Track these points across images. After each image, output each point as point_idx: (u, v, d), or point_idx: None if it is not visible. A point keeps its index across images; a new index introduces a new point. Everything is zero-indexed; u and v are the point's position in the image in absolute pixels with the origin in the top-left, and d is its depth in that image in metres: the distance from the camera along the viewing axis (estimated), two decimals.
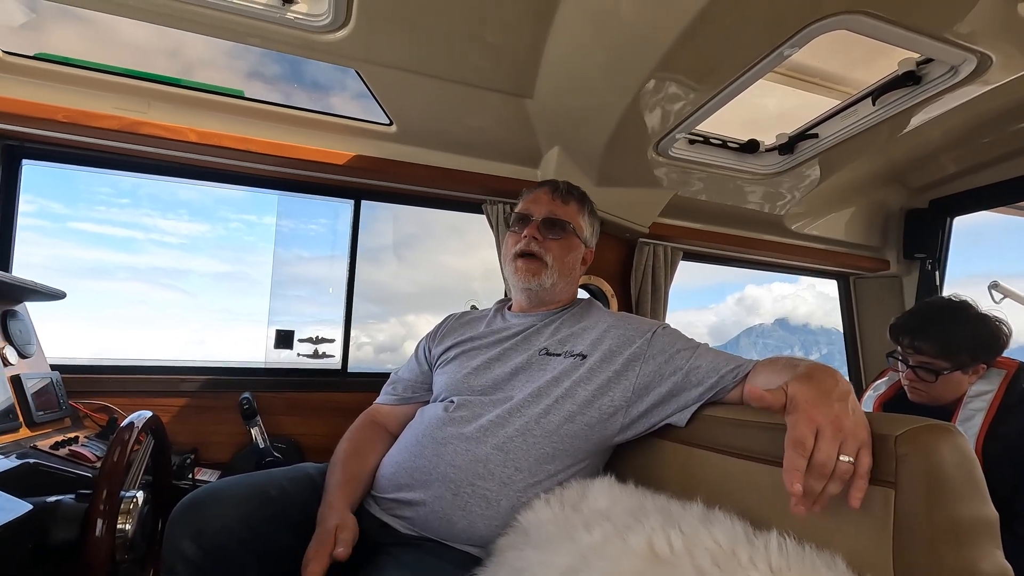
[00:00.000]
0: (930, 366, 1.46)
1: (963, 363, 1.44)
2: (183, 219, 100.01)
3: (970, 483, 0.67)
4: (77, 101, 1.52)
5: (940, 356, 1.45)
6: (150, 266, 76.81)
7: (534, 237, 1.26)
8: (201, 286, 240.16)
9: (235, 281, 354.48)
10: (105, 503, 0.89)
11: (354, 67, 1.53)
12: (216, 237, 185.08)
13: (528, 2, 1.29)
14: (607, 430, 1.11)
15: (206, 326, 23.85)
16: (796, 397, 0.74)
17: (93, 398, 1.60)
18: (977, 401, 1.42)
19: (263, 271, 2.04)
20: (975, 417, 1.40)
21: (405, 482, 1.10)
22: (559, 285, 1.29)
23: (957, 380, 1.46)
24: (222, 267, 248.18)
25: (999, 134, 1.86)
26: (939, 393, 1.48)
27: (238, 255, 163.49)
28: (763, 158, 1.90)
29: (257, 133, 1.69)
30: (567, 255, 1.29)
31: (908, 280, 2.60)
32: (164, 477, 1.26)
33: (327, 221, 2.10)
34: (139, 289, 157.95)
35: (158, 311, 29.50)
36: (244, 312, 54.49)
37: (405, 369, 1.40)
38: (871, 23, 1.14)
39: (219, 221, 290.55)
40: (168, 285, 78.63)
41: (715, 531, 0.74)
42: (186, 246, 52.25)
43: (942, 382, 1.46)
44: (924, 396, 1.51)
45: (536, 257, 1.26)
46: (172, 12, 1.32)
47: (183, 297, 79.37)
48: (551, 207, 1.30)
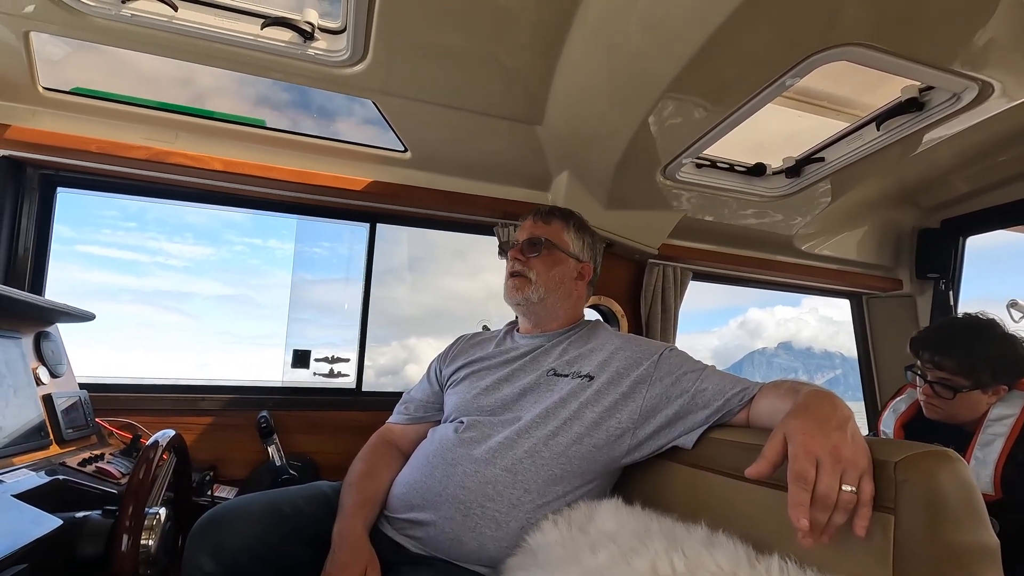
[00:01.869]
0: (949, 383, 1.44)
1: (983, 382, 1.42)
2: (188, 242, 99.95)
3: (970, 509, 0.68)
4: (109, 132, 1.61)
5: (960, 373, 1.43)
6: (154, 289, 78.46)
7: (517, 258, 1.34)
8: (204, 309, 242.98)
9: (238, 304, 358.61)
10: (131, 519, 0.93)
11: (371, 98, 1.59)
12: (220, 260, 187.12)
13: (538, 32, 1.34)
14: (614, 451, 1.13)
15: (208, 349, 24.45)
16: (793, 432, 0.74)
17: (118, 415, 1.65)
18: (998, 425, 1.39)
19: (267, 294, 2.10)
20: (995, 442, 1.37)
21: (416, 502, 1.12)
22: (549, 300, 1.33)
23: (975, 399, 1.43)
24: (225, 290, 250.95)
25: (1012, 154, 1.86)
26: (955, 411, 1.46)
27: (242, 278, 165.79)
28: (770, 181, 1.92)
29: (278, 161, 1.76)
30: (551, 269, 1.34)
31: (922, 300, 2.58)
32: (185, 494, 1.30)
33: (338, 244, 2.16)
34: (142, 311, 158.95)
35: (160, 333, 30.31)
36: (246, 335, 54.79)
37: (417, 389, 1.43)
38: (872, 55, 1.16)
39: (224, 244, 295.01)
40: (171, 308, 79.15)
41: (717, 555, 0.76)
42: (190, 269, 52.99)
43: (960, 400, 1.44)
44: (939, 413, 1.49)
45: (521, 275, 1.33)
46: (202, 50, 1.40)
47: (185, 320, 79.31)
48: (532, 230, 1.38)
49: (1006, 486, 1.31)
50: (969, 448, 1.40)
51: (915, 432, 1.61)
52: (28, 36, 1.38)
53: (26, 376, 1.26)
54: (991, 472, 1.33)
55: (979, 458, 1.37)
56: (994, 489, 1.31)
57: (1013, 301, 2.72)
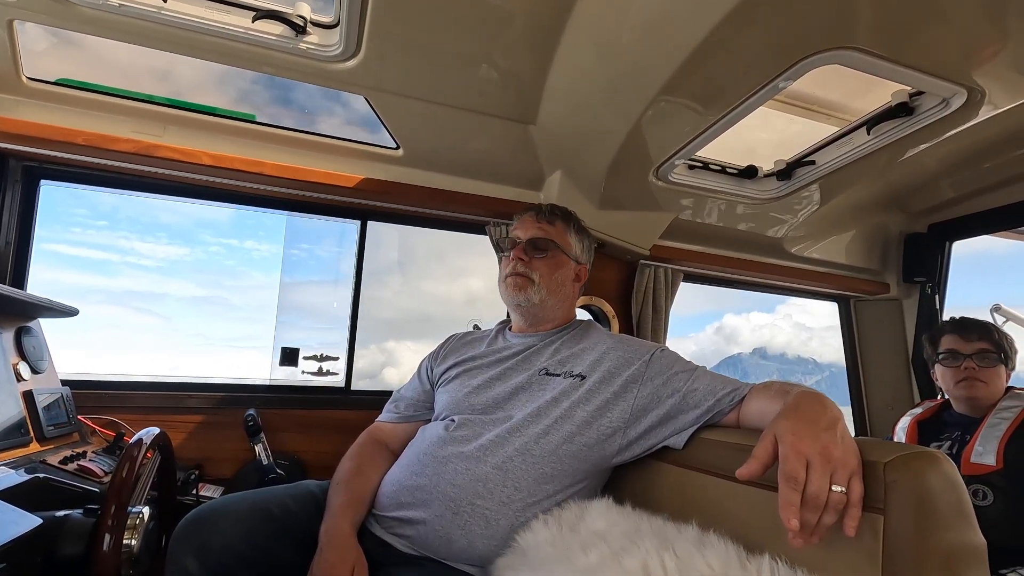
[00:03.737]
0: (989, 351, 1.67)
1: (1008, 355, 1.68)
2: (161, 242, 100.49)
3: (958, 510, 0.69)
4: (95, 125, 1.57)
5: (993, 345, 1.68)
6: (125, 289, 76.13)
7: (520, 258, 1.32)
8: (177, 310, 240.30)
9: (212, 306, 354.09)
10: (113, 518, 0.91)
11: (363, 94, 1.58)
12: (195, 261, 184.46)
13: (532, 31, 1.34)
14: (605, 451, 1.13)
15: (181, 352, 23.81)
16: (783, 433, 0.74)
17: (101, 413, 1.62)
18: (1005, 412, 1.58)
19: (242, 296, 2.08)
20: (1001, 424, 1.55)
21: (406, 500, 1.11)
22: (549, 302, 1.32)
23: (1002, 376, 1.67)
24: (199, 291, 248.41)
25: (998, 160, 1.89)
26: (993, 386, 1.65)
27: (217, 279, 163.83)
28: (761, 184, 1.94)
29: (268, 156, 1.74)
30: (554, 272, 1.33)
31: (908, 303, 2.61)
32: (169, 493, 1.28)
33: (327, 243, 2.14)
34: (112, 312, 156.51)
35: (132, 335, 29.29)
36: (220, 336, 54.33)
37: (407, 387, 1.42)
38: (863, 58, 1.17)
39: (199, 245, 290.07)
40: (142, 309, 78.63)
41: (708, 555, 0.76)
42: (163, 269, 52.25)
43: (995, 373, 1.66)
44: (982, 389, 1.65)
45: (523, 275, 1.31)
46: (192, 43, 1.38)
47: (157, 321, 77.72)
48: (535, 229, 1.35)
49: (1008, 457, 1.49)
50: (978, 430, 1.58)
51: (928, 428, 1.77)
52: (12, 25, 1.35)
53: (6, 372, 1.23)
54: (996, 445, 1.51)
55: (985, 436, 1.55)
56: (996, 460, 1.50)
57: (997, 306, 2.77)
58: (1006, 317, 2.74)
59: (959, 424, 1.69)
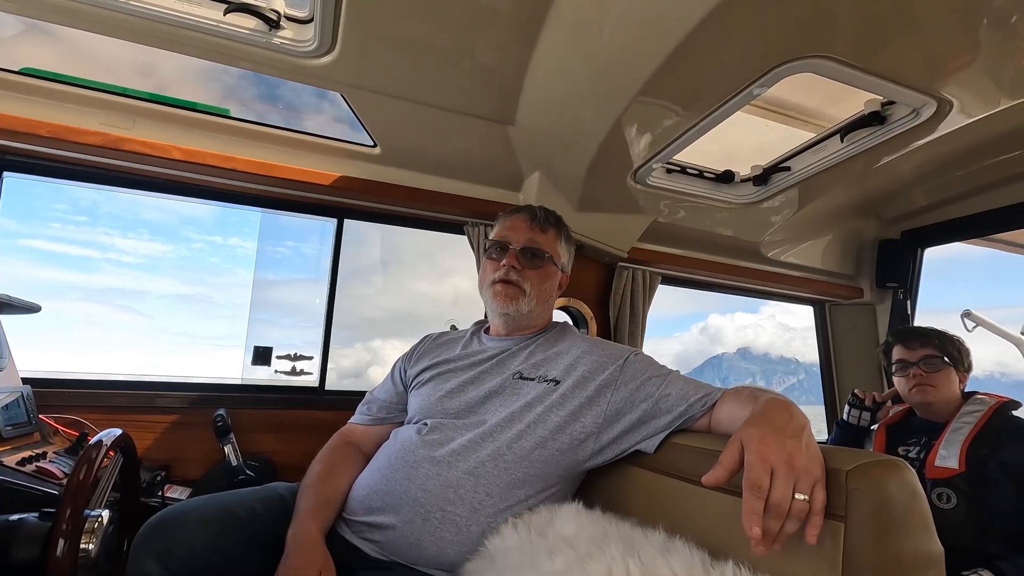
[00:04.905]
0: (933, 356, 1.73)
1: (955, 359, 1.74)
2: (143, 238, 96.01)
3: (917, 518, 0.70)
4: (61, 116, 1.53)
5: (937, 349, 1.74)
6: (105, 286, 74.34)
7: (513, 267, 1.27)
8: (159, 308, 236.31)
9: (196, 303, 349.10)
10: (68, 522, 0.88)
11: (339, 91, 1.55)
12: (178, 258, 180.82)
13: (512, 29, 1.33)
14: (578, 456, 1.12)
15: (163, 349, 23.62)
16: (749, 440, 0.75)
17: (66, 412, 1.58)
18: (968, 417, 1.64)
19: (226, 293, 2.04)
20: (964, 428, 1.61)
21: (376, 505, 1.09)
22: (536, 311, 1.31)
23: (953, 378, 1.72)
24: (183, 288, 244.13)
25: (968, 169, 1.93)
26: (943, 388, 1.70)
27: (201, 276, 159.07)
28: (738, 188, 1.95)
29: (242, 152, 1.71)
30: (545, 283, 1.31)
31: (881, 308, 2.66)
32: (132, 495, 1.25)
33: (303, 242, 2.11)
34: (92, 310, 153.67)
35: (111, 333, 28.50)
36: (204, 335, 53.53)
37: (380, 389, 1.40)
38: (836, 67, 1.19)
39: (182, 241, 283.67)
40: (124, 306, 76.07)
41: (673, 561, 0.76)
42: (145, 266, 51.41)
43: (943, 376, 1.71)
44: (931, 393, 1.70)
45: (515, 284, 1.27)
46: (163, 35, 1.34)
47: (139, 319, 75.72)
48: (530, 235, 1.30)
49: (970, 461, 1.54)
50: (942, 434, 1.64)
51: (897, 433, 1.82)
52: None
53: None
54: (958, 449, 1.57)
55: (949, 440, 1.61)
56: (959, 464, 1.55)
57: (967, 312, 2.84)
58: (976, 323, 2.80)
59: (925, 429, 1.74)
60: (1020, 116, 1.45)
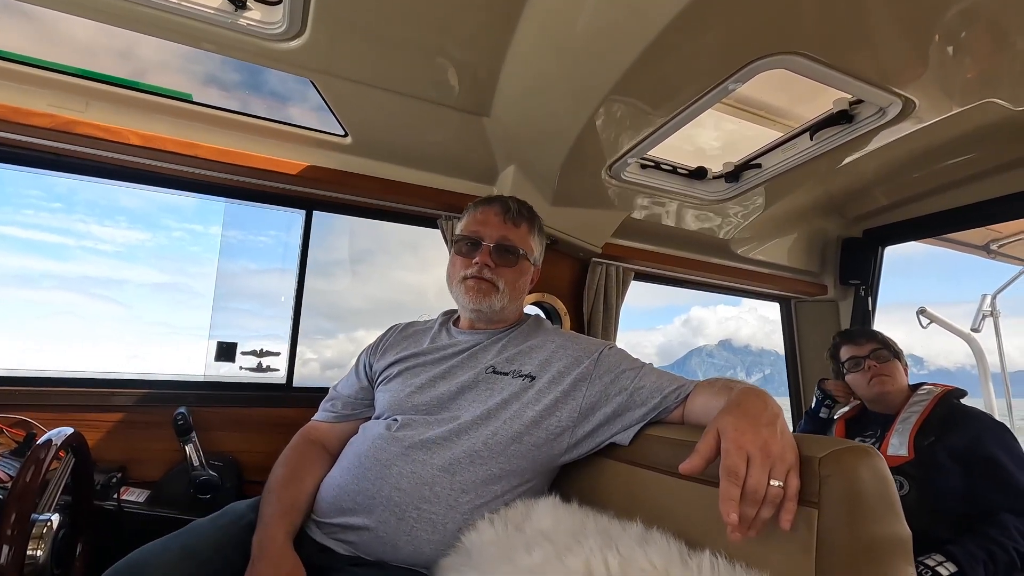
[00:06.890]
0: (882, 349, 1.85)
1: (896, 351, 1.87)
2: (121, 226, 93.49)
3: (886, 503, 0.71)
4: (5, 96, 1.43)
5: (880, 343, 1.88)
6: (81, 275, 71.03)
7: (486, 264, 1.22)
8: (137, 297, 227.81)
9: (175, 293, 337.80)
10: (13, 528, 0.83)
11: (309, 77, 1.50)
12: (157, 246, 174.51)
13: (487, 20, 1.31)
14: (554, 450, 1.12)
15: (142, 340, 22.25)
16: (725, 428, 0.76)
17: (12, 412, 1.49)
18: (915, 406, 1.74)
19: (206, 283, 1.96)
20: (911, 418, 1.71)
21: (348, 506, 1.06)
22: (509, 307, 1.29)
23: (901, 370, 1.84)
24: (161, 277, 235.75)
25: (927, 170, 2.00)
26: (896, 379, 1.81)
27: (180, 266, 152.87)
28: (710, 185, 1.98)
29: (205, 139, 1.64)
30: (519, 279, 1.28)
31: (844, 305, 2.75)
32: (85, 498, 1.18)
33: (276, 232, 2.05)
34: (67, 299, 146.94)
35: (88, 323, 27.26)
36: (184, 325, 51.94)
37: (344, 384, 1.36)
38: (808, 64, 1.21)
39: (161, 230, 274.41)
40: (100, 295, 73.08)
41: (651, 552, 0.76)
42: (123, 254, 49.27)
43: (894, 367, 1.83)
44: (887, 383, 1.80)
45: (488, 281, 1.23)
46: (123, 12, 1.27)
47: (117, 308, 71.81)
48: (503, 231, 1.25)
49: (918, 447, 1.63)
50: (892, 425, 1.73)
51: (855, 425, 1.92)
52: None
53: None
54: (906, 438, 1.66)
55: (899, 430, 1.70)
56: (908, 451, 1.63)
57: (922, 308, 2.96)
58: (930, 319, 2.92)
59: (878, 422, 1.82)
60: (971, 121, 1.51)
